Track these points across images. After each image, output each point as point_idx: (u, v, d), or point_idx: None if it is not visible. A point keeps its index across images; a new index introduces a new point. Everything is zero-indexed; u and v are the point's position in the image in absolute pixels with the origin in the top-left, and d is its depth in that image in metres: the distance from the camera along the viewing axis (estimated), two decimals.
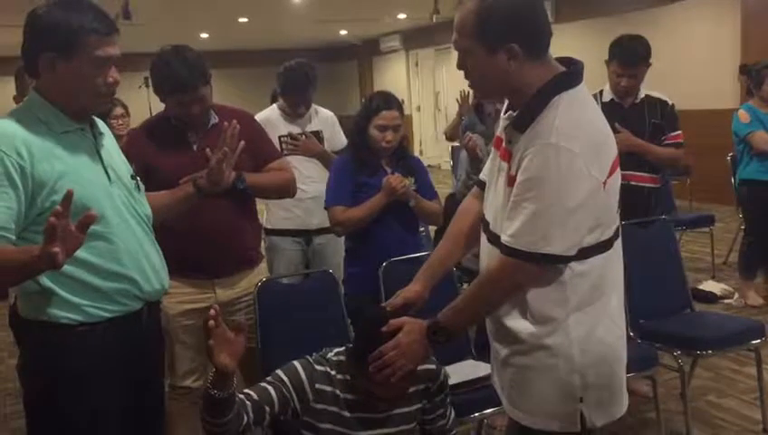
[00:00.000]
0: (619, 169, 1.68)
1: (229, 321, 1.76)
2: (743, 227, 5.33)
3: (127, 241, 1.89)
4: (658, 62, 6.46)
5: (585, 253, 1.65)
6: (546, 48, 1.68)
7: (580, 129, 1.59)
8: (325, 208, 2.95)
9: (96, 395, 1.87)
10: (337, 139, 3.72)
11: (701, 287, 4.95)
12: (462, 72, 1.73)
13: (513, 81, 1.65)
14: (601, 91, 3.48)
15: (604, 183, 1.60)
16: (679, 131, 3.43)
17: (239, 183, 2.46)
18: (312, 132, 3.66)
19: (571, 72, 1.68)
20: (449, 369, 2.62)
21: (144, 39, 8.35)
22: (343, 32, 13.82)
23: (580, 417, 1.69)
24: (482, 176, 1.94)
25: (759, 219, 4.66)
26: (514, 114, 1.70)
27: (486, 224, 1.79)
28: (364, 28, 13.30)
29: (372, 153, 2.89)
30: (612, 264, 1.73)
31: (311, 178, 3.54)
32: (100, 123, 1.98)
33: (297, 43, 14.20)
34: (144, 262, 1.94)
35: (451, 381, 2.50)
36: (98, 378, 1.87)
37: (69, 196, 1.52)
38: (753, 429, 3.16)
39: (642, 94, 3.43)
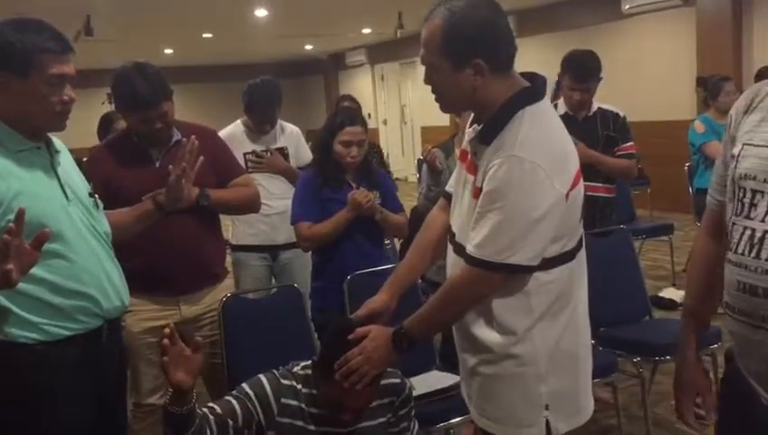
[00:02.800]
0: (582, 182, 1.73)
1: (187, 335, 1.75)
2: None
3: (85, 259, 1.89)
4: (617, 74, 6.58)
5: (549, 263, 1.69)
6: (511, 63, 1.71)
7: (542, 142, 1.64)
8: (291, 224, 2.97)
9: (57, 414, 1.86)
10: (302, 154, 3.75)
11: (661, 295, 5.05)
12: (428, 87, 1.75)
13: (478, 95, 1.69)
14: (556, 105, 3.56)
15: (567, 195, 1.65)
16: (631, 142, 3.53)
17: (203, 199, 2.47)
18: (276, 149, 3.68)
19: (534, 87, 1.72)
20: (415, 380, 2.65)
21: (107, 55, 8.30)
22: (308, 46, 13.85)
23: (546, 424, 1.73)
24: (448, 188, 1.97)
25: None
26: (479, 128, 1.74)
27: (453, 235, 1.82)
28: (329, 43, 13.34)
29: (337, 168, 2.92)
30: (576, 274, 1.78)
31: (276, 194, 3.56)
32: (57, 141, 1.98)
33: (262, 57, 14.19)
34: (103, 279, 1.94)
35: (417, 392, 2.53)
36: (59, 397, 1.86)
37: (21, 214, 1.53)
38: (712, 433, 3.23)
39: (595, 107, 3.52)
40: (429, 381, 2.72)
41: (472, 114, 1.83)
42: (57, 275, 1.82)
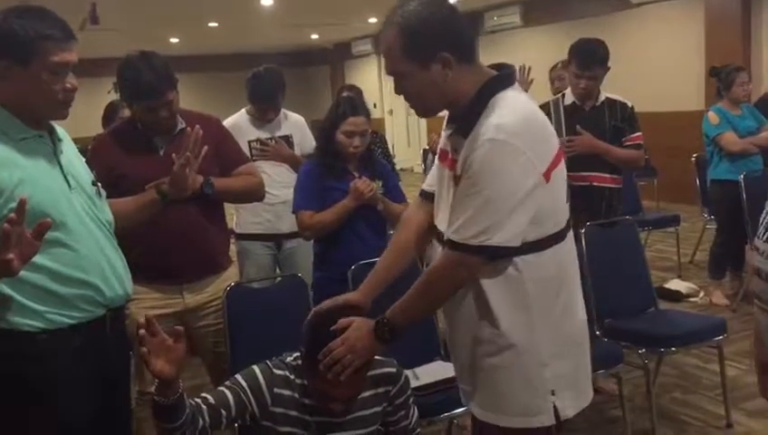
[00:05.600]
0: (563, 162, 1.73)
1: (169, 328, 1.74)
2: (708, 227, 5.43)
3: (88, 247, 1.88)
4: (625, 64, 6.52)
5: (538, 245, 1.69)
6: (474, 52, 1.73)
7: (519, 124, 1.63)
8: (293, 213, 2.96)
9: (61, 403, 1.86)
10: (307, 142, 3.74)
11: (667, 286, 5.04)
12: None
13: (450, 90, 1.70)
14: (563, 95, 3.53)
15: (547, 175, 1.65)
16: (639, 133, 3.49)
17: (207, 188, 2.47)
18: (281, 137, 3.68)
19: (504, 75, 1.74)
20: (418, 370, 2.66)
21: (113, 44, 8.29)
22: (314, 36, 13.81)
23: (554, 409, 1.73)
24: (425, 187, 1.98)
25: (729, 218, 4.76)
26: (455, 124, 1.75)
27: (441, 233, 1.82)
28: (335, 32, 13.30)
29: (340, 158, 2.91)
30: (566, 255, 1.78)
31: (281, 182, 3.56)
32: (60, 130, 1.96)
33: (268, 47, 14.16)
34: (106, 268, 1.93)
35: (420, 382, 2.54)
36: (62, 386, 1.86)
37: (22, 204, 1.52)
38: (717, 424, 3.23)
39: (603, 97, 3.49)
40: (433, 372, 2.71)
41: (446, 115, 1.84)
42: (59, 264, 1.81)
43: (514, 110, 1.66)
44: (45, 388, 1.84)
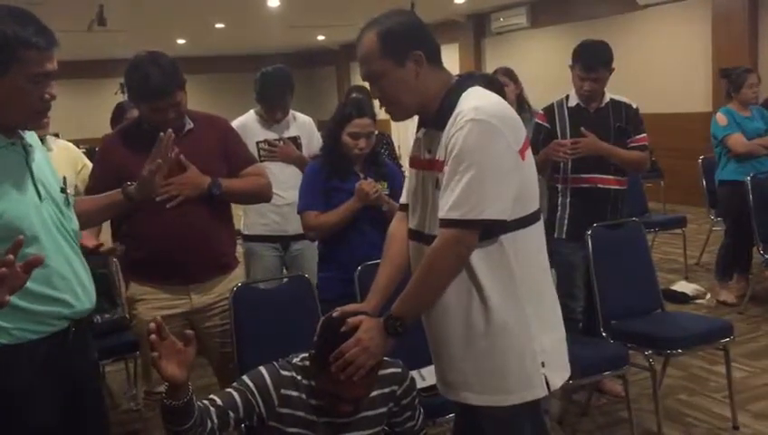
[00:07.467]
0: (530, 147, 1.86)
1: (179, 332, 1.74)
2: (715, 229, 5.42)
3: (59, 263, 1.82)
4: (632, 66, 6.50)
5: (520, 223, 1.80)
6: (440, 57, 1.89)
7: (494, 107, 1.79)
8: (298, 213, 2.98)
9: (25, 415, 1.79)
10: (315, 144, 3.74)
11: (673, 288, 5.02)
12: None
13: (423, 90, 1.84)
14: (567, 97, 3.51)
15: (522, 153, 1.78)
16: (644, 134, 3.48)
17: (214, 188, 2.48)
18: (289, 138, 3.68)
19: (470, 76, 1.93)
20: (425, 370, 2.64)
21: (120, 45, 8.33)
22: (321, 37, 13.84)
23: (545, 380, 1.83)
24: (403, 200, 2.06)
25: (737, 220, 4.75)
26: (428, 124, 1.88)
27: (419, 233, 1.90)
28: (341, 33, 13.32)
29: (345, 159, 2.92)
30: (541, 233, 1.91)
31: (288, 184, 3.55)
32: (31, 135, 1.90)
33: (274, 48, 14.20)
34: (74, 283, 1.87)
35: (427, 383, 2.53)
36: (26, 398, 1.80)
37: (18, 243, 1.48)
38: (723, 426, 3.22)
39: (607, 99, 3.48)
40: None
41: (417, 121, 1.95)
42: (32, 281, 1.68)
43: (487, 97, 1.82)
44: (7, 401, 1.77)
